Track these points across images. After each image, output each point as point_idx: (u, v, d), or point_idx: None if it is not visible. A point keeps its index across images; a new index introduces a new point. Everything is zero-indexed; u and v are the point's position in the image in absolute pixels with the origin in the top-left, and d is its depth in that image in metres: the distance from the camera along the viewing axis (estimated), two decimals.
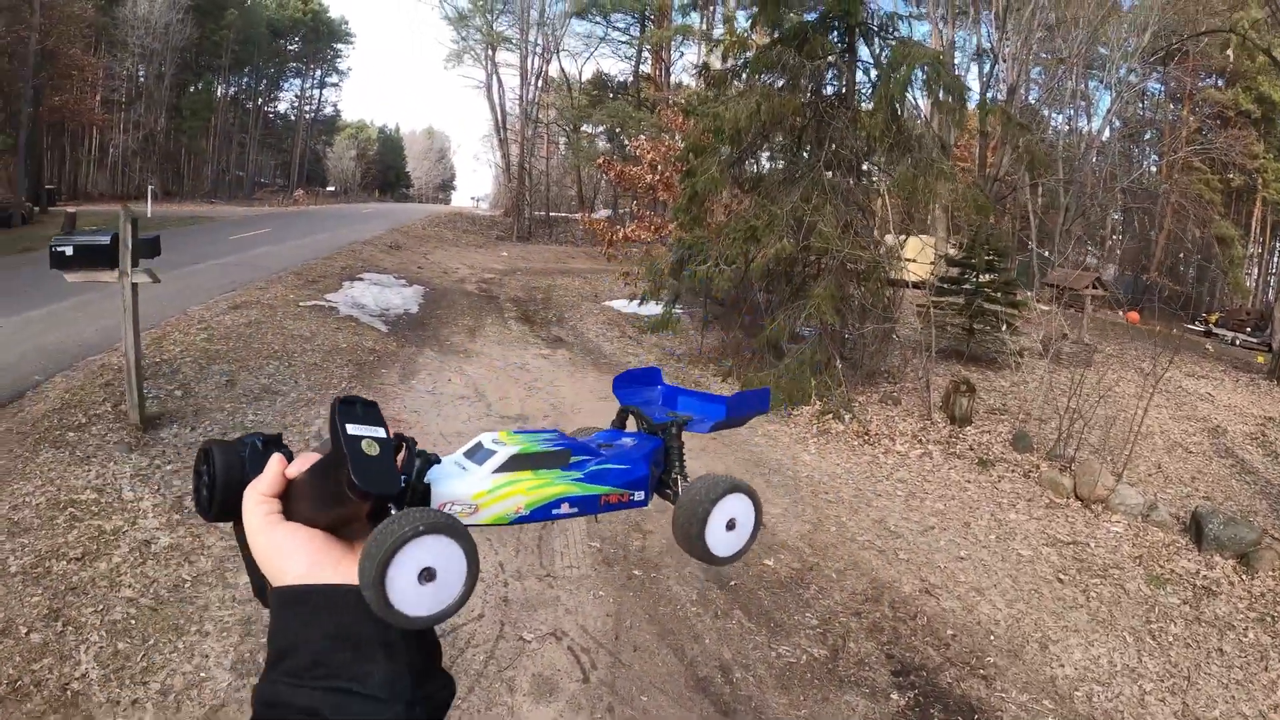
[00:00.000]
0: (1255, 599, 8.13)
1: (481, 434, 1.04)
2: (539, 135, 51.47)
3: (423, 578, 0.80)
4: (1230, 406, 17.46)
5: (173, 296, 15.12)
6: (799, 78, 14.26)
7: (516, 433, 1.05)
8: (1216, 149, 38.16)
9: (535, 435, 1.06)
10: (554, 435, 1.08)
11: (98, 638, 5.51)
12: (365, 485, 0.81)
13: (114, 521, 7.07)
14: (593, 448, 1.10)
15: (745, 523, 1.07)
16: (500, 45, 47.69)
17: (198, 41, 56.73)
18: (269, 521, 0.90)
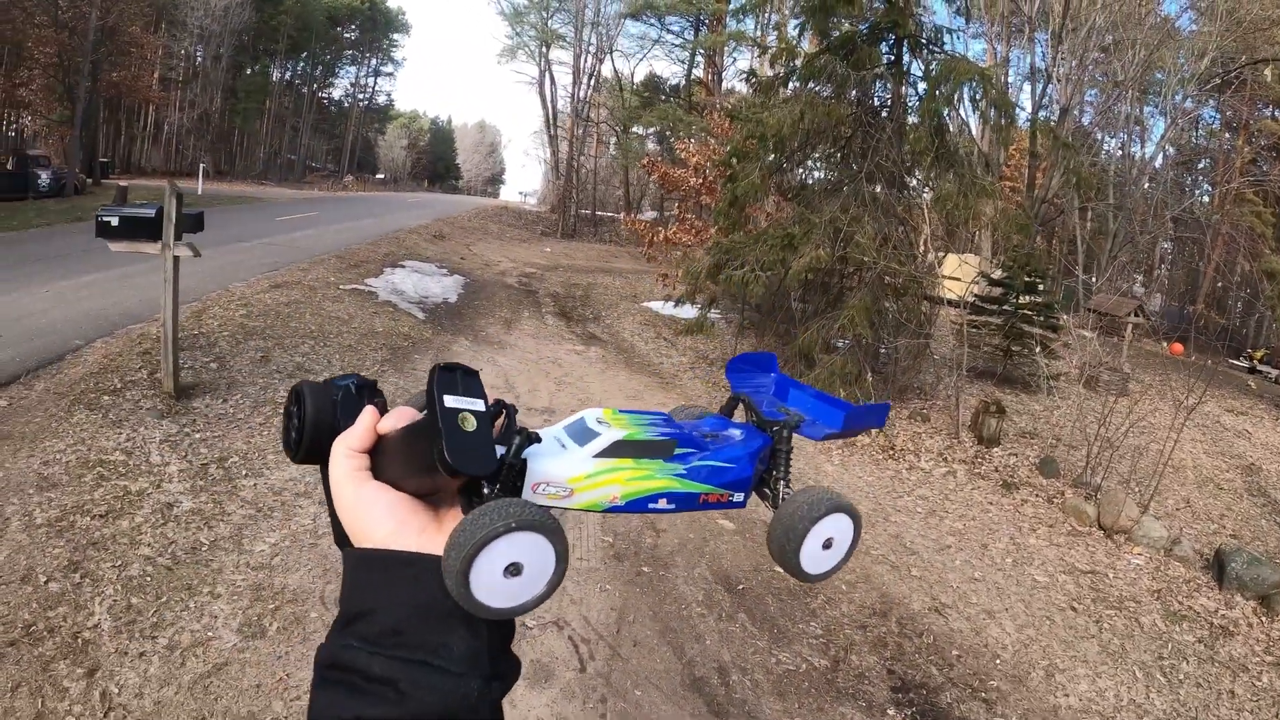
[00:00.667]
0: (1273, 642, 7.99)
1: (585, 410, 1.03)
2: (589, 134, 51.61)
3: (508, 572, 0.80)
4: (1268, 445, 17.21)
5: (216, 272, 15.32)
6: (845, 88, 14.21)
7: (622, 413, 1.04)
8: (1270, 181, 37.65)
9: (642, 418, 1.04)
10: (661, 420, 1.06)
11: (113, 591, 5.61)
12: (458, 464, 0.79)
13: (139, 483, 7.20)
14: (699, 439, 1.06)
15: (842, 542, 1.04)
16: (554, 43, 47.91)
17: (256, 25, 57.58)
18: (357, 478, 0.89)
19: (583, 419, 1.00)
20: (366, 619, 0.82)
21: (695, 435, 1.06)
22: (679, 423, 1.09)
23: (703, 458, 1.03)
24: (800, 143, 14.49)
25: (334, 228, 28.03)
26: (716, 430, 1.13)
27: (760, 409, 1.19)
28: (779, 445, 1.12)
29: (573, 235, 44.42)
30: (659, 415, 1.07)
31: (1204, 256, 40.29)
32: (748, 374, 1.34)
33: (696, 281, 14.83)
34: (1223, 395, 20.92)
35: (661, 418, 1.07)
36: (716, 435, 1.11)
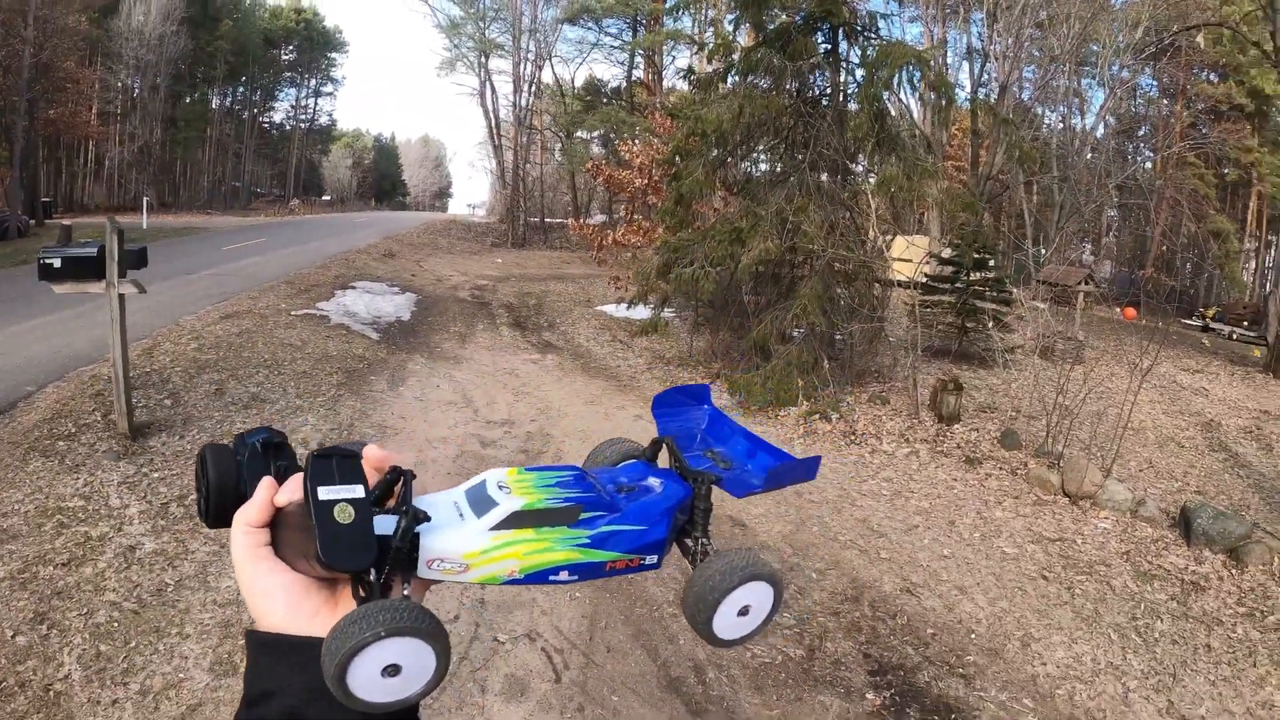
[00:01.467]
0: (1244, 594, 8.06)
1: (488, 472, 0.99)
2: (533, 141, 51.48)
3: (387, 673, 0.78)
4: (1225, 400, 17.43)
5: (165, 307, 15.18)
6: (783, 79, 14.25)
7: (528, 470, 1.00)
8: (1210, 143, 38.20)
9: (548, 477, 0.99)
10: (571, 478, 1.01)
11: (81, 640, 5.55)
12: (332, 561, 0.78)
13: (100, 528, 7.13)
14: (610, 498, 1.01)
15: (760, 609, 1.00)
16: (493, 52, 47.70)
17: (192, 52, 56.86)
18: (253, 555, 0.87)
19: (484, 483, 0.97)
20: (266, 701, 0.83)
21: (606, 494, 1.01)
22: (590, 480, 1.03)
23: (611, 521, 0.98)
24: (742, 136, 14.53)
25: (282, 253, 27.85)
26: (634, 481, 1.09)
27: (685, 455, 1.15)
28: (698, 503, 1.08)
29: (523, 244, 44.29)
30: (569, 471, 1.03)
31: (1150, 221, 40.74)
32: (678, 409, 1.28)
33: (647, 282, 14.85)
34: (1178, 355, 21.18)
35: (573, 474, 1.02)
36: (634, 488, 1.07)
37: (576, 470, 1.04)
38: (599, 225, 30.63)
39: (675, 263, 13.94)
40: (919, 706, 5.87)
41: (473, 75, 49.51)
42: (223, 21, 59.13)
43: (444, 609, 6.24)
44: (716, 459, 1.21)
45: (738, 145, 15.06)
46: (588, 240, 26.05)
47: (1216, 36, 37.22)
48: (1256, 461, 13.62)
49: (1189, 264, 43.66)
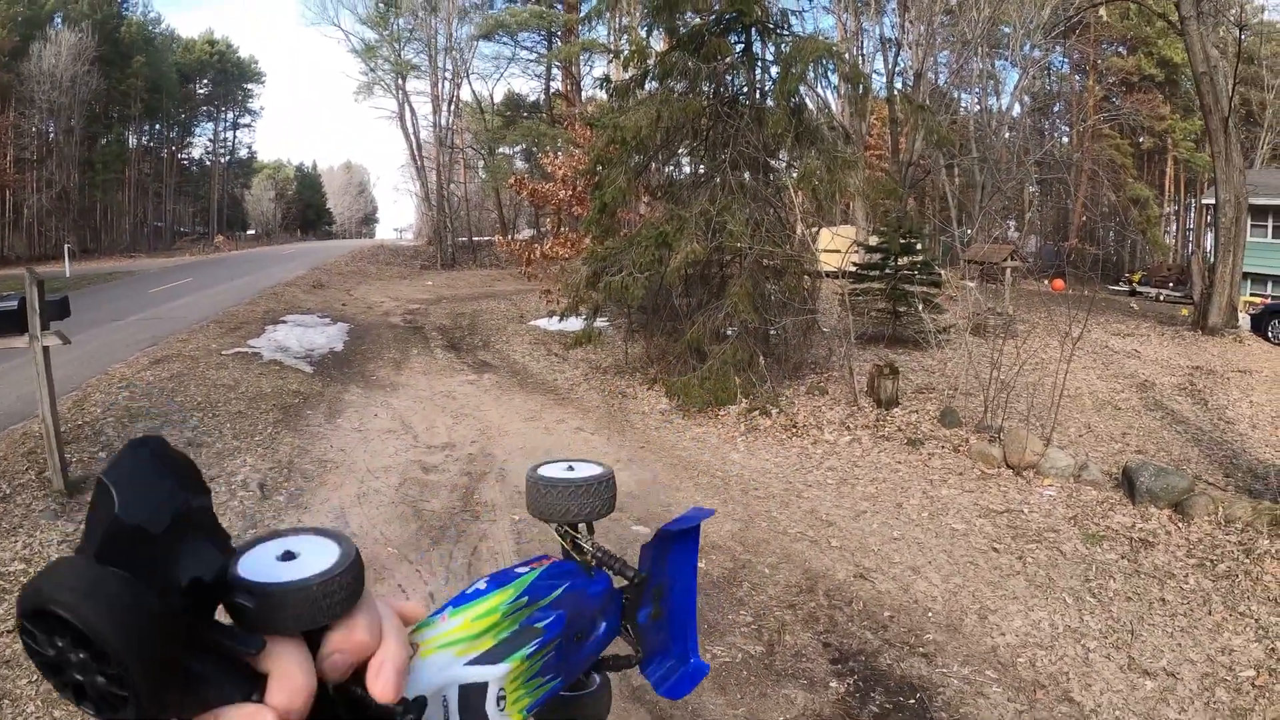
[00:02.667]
0: (1193, 545, 8.17)
1: (492, 670, 0.82)
2: (455, 161, 51.25)
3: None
4: (1157, 360, 17.74)
5: (93, 356, 14.86)
6: (699, 81, 14.31)
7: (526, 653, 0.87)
8: (1124, 114, 38.98)
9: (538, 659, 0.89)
10: (553, 653, 0.92)
11: (34, 708, 5.37)
12: None
13: None
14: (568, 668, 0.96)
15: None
16: (410, 73, 47.41)
17: (106, 92, 55.76)
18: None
19: (485, 686, 0.81)
20: None
21: (571, 659, 0.97)
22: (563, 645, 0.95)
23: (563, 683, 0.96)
24: (662, 141, 14.53)
25: (210, 291, 27.39)
26: (588, 620, 1.05)
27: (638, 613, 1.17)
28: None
29: (452, 265, 44.01)
30: (554, 635, 0.92)
31: (1071, 194, 41.47)
32: (675, 543, 1.25)
33: (577, 293, 14.78)
34: (1108, 321, 21.51)
35: (556, 643, 0.93)
36: (583, 634, 1.03)
37: (564, 618, 0.96)
38: (526, 240, 30.59)
39: (604, 271, 13.91)
40: (883, 689, 5.88)
41: (391, 98, 49.20)
42: (134, 59, 57.92)
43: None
44: (656, 604, 1.22)
45: (658, 150, 15.06)
46: (516, 256, 25.97)
47: (1123, 11, 37.98)
48: (1193, 416, 13.87)
49: (1112, 232, 44.51)
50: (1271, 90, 36.06)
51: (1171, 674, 6.09)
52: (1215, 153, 21.05)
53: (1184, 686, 5.92)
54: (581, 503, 1.19)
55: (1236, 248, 20.99)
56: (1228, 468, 11.52)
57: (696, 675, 1.29)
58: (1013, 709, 5.68)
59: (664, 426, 12.92)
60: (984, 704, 5.74)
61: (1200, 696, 5.80)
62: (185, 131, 74.18)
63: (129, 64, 57.39)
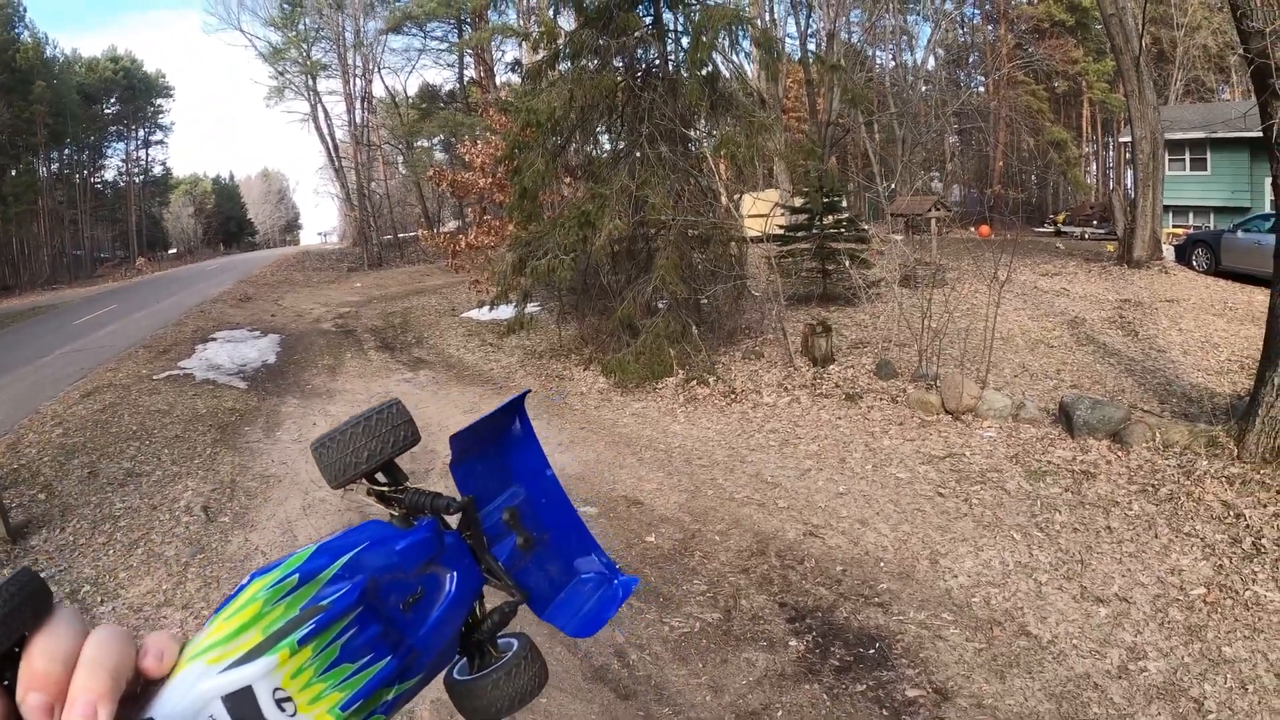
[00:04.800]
0: (1134, 472, 8.25)
1: (252, 667, 0.65)
2: (374, 158, 50.80)
3: None
4: (1086, 296, 17.95)
5: (22, 397, 14.55)
6: (610, 58, 14.23)
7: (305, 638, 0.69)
8: (1037, 60, 39.38)
9: (329, 642, 0.71)
10: (356, 629, 0.74)
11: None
12: None
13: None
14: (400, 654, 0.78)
15: None
16: (319, 73, 46.94)
17: (8, 122, 54.30)
18: None
19: (250, 690, 0.65)
20: None
21: (395, 634, 0.78)
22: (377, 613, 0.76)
23: (404, 679, 0.78)
24: (577, 120, 14.41)
25: (135, 316, 26.89)
26: (419, 579, 0.85)
27: (486, 529, 0.99)
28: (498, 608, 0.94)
29: (380, 264, 43.67)
30: (351, 610, 0.73)
31: (990, 142, 41.89)
32: (482, 448, 1.07)
33: (505, 280, 14.70)
34: (1035, 262, 21.75)
35: (358, 617, 0.74)
36: (419, 595, 0.84)
37: (360, 586, 0.75)
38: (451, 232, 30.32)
39: (529, 256, 13.81)
40: (842, 643, 5.88)
41: (303, 100, 48.81)
42: (34, 84, 56.45)
43: None
44: (518, 527, 1.06)
45: (574, 130, 14.95)
46: (442, 249, 25.77)
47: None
48: (1124, 348, 14.02)
49: (1033, 176, 45.00)
50: (1181, 28, 36.56)
51: (1124, 599, 6.14)
52: (1129, 92, 21.32)
53: (1137, 610, 5.98)
54: (367, 443, 0.95)
55: (1155, 182, 21.31)
56: (1162, 395, 11.65)
57: (622, 592, 1.10)
58: (972, 648, 5.70)
59: (603, 405, 12.87)
60: (943, 646, 5.76)
61: (1154, 618, 5.86)
62: (96, 154, 72.36)
63: (29, 90, 55.78)
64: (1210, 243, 21.10)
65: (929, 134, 34.13)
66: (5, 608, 0.54)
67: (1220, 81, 39.95)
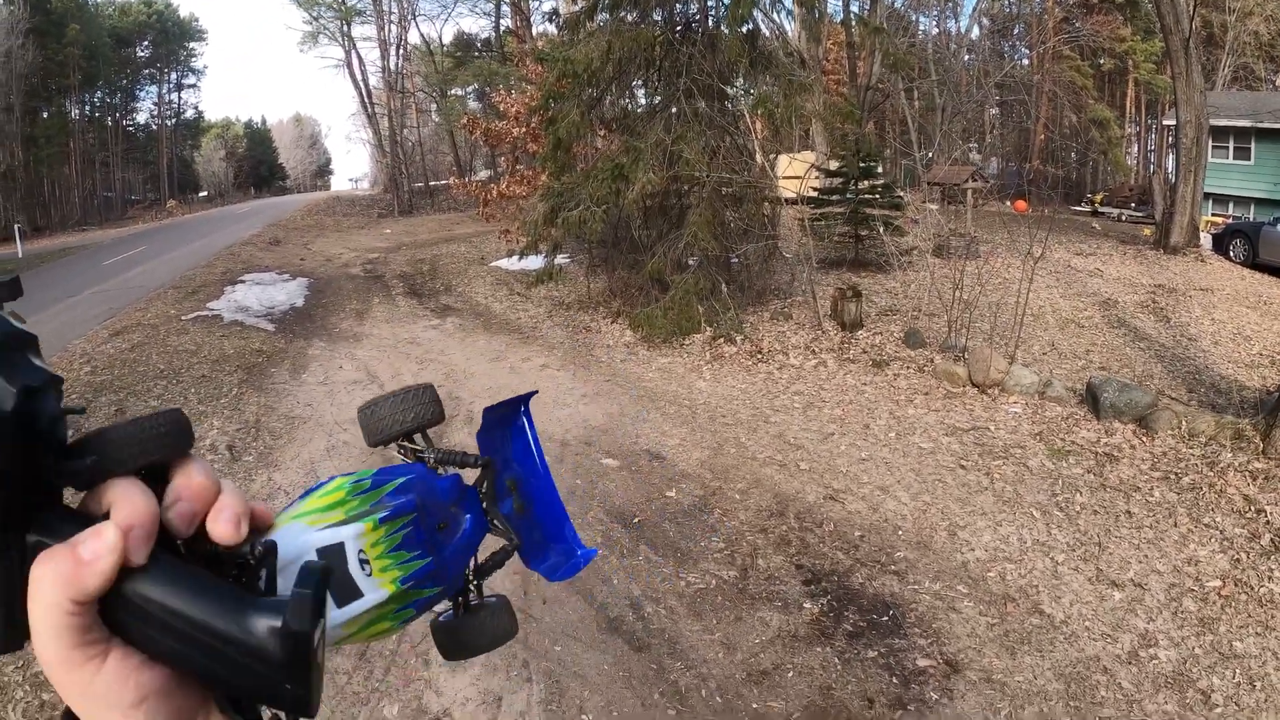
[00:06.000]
0: (1157, 459, 8.17)
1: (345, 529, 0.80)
2: (407, 105, 50.70)
3: None
4: (1120, 279, 17.80)
5: (52, 335, 14.62)
6: (650, 10, 14.09)
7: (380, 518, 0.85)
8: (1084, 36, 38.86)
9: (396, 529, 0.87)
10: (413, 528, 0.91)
11: (23, 694, 5.25)
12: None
13: None
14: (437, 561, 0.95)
15: None
16: (354, 19, 46.79)
17: (42, 65, 54.36)
18: (81, 654, 0.55)
19: (342, 546, 0.79)
20: None
21: (434, 545, 0.95)
22: (424, 522, 0.94)
23: (434, 583, 0.93)
24: (614, 72, 14.30)
25: (165, 258, 27.01)
26: (446, 510, 1.05)
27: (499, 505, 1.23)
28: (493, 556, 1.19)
29: (410, 211, 43.66)
30: (410, 513, 0.91)
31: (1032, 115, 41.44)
32: (503, 422, 1.33)
33: (536, 230, 14.64)
34: (1071, 241, 21.56)
35: (413, 520, 0.91)
36: (446, 524, 1.03)
37: (414, 501, 0.93)
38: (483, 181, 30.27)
39: (561, 207, 13.75)
40: (856, 608, 5.87)
41: (337, 46, 48.67)
42: (69, 27, 56.46)
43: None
44: (515, 495, 1.30)
45: (611, 82, 14.84)
46: (473, 197, 25.78)
47: None
48: (1155, 333, 13.92)
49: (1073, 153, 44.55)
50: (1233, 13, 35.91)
51: (1139, 585, 6.09)
52: (1176, 74, 20.99)
53: (1151, 597, 5.93)
54: (405, 413, 1.26)
55: (1198, 168, 21.02)
56: (1190, 383, 11.57)
57: (585, 559, 1.35)
58: (984, 622, 5.68)
59: (629, 359, 12.84)
60: (956, 618, 5.74)
61: (1168, 606, 5.81)
62: (129, 97, 72.46)
63: (63, 33, 55.69)
64: (1249, 234, 20.90)
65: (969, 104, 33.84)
66: (163, 428, 0.63)
67: (1271, 70, 39.17)
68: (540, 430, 1.34)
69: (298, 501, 0.82)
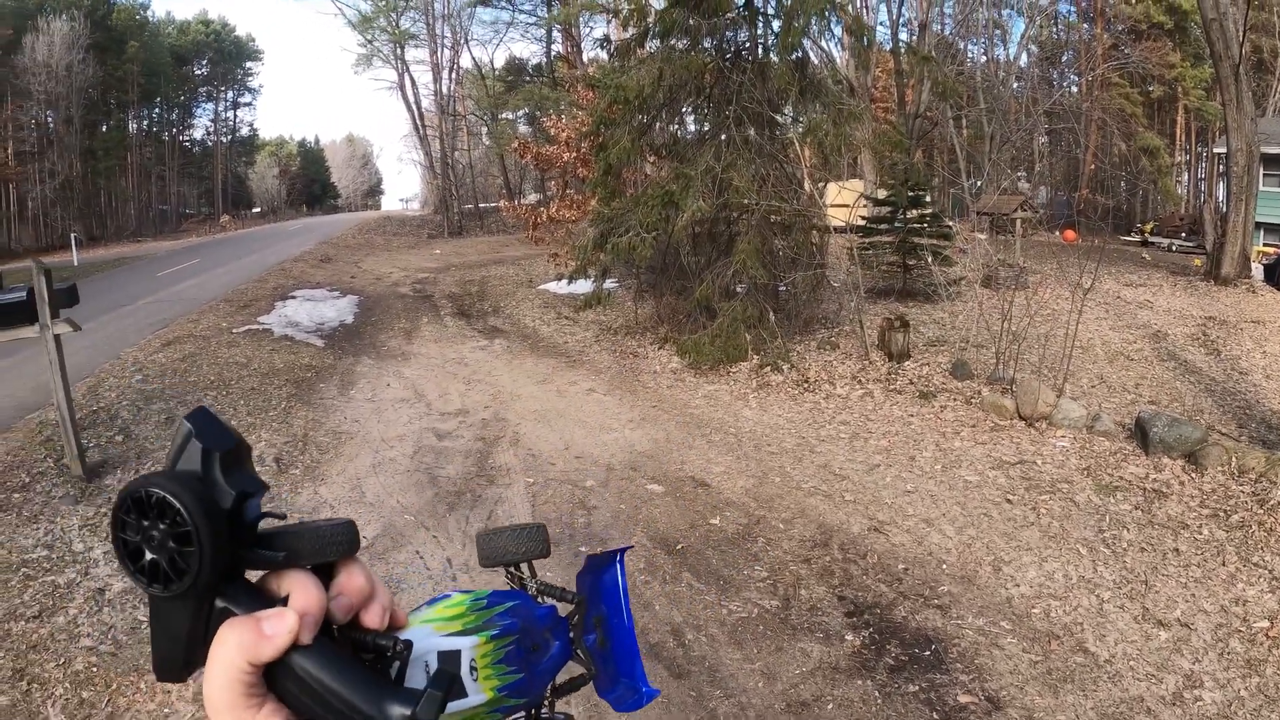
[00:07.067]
0: (1206, 496, 8.11)
1: (464, 640, 0.92)
2: (458, 128, 51.10)
3: None
4: (1170, 311, 17.61)
5: (105, 342, 14.89)
6: (699, 38, 14.19)
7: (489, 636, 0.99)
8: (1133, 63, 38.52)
9: (502, 649, 1.01)
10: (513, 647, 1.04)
11: (63, 690, 5.43)
12: None
13: (67, 575, 6.94)
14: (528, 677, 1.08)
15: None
16: (408, 43, 47.29)
17: (102, 80, 55.39)
18: (244, 702, 0.66)
19: (459, 655, 0.91)
20: None
21: (528, 666, 1.09)
22: (522, 644, 1.10)
23: (521, 694, 1.05)
24: (665, 99, 14.42)
25: (218, 271, 27.41)
26: (539, 636, 1.23)
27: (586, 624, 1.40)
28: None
29: (460, 233, 43.99)
30: (513, 637, 1.05)
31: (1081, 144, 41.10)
32: (598, 569, 1.52)
33: (585, 255, 14.75)
34: (1120, 272, 21.34)
35: (515, 642, 1.06)
36: (537, 646, 1.20)
37: (518, 624, 1.09)
38: (532, 204, 30.45)
39: (611, 232, 13.86)
40: (898, 641, 5.88)
41: (390, 68, 49.25)
42: (129, 44, 57.52)
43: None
44: (600, 631, 1.47)
45: (661, 108, 14.96)
46: (522, 220, 25.95)
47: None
48: (1205, 367, 13.78)
49: (1123, 182, 44.12)
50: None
51: (1185, 625, 6.05)
52: (1226, 101, 20.75)
53: (1198, 637, 5.89)
54: (518, 545, 1.54)
55: (1249, 197, 20.73)
56: (1241, 418, 11.44)
57: (648, 698, 1.52)
58: (1027, 659, 5.66)
59: (676, 385, 12.90)
60: (999, 655, 5.73)
61: (1214, 647, 5.77)
62: (186, 113, 73.80)
63: (123, 50, 56.88)
64: None
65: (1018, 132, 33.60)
66: (340, 537, 0.75)
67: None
68: (585, 454, 1.58)
69: (425, 607, 0.98)
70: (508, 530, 1.55)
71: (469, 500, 8.43)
